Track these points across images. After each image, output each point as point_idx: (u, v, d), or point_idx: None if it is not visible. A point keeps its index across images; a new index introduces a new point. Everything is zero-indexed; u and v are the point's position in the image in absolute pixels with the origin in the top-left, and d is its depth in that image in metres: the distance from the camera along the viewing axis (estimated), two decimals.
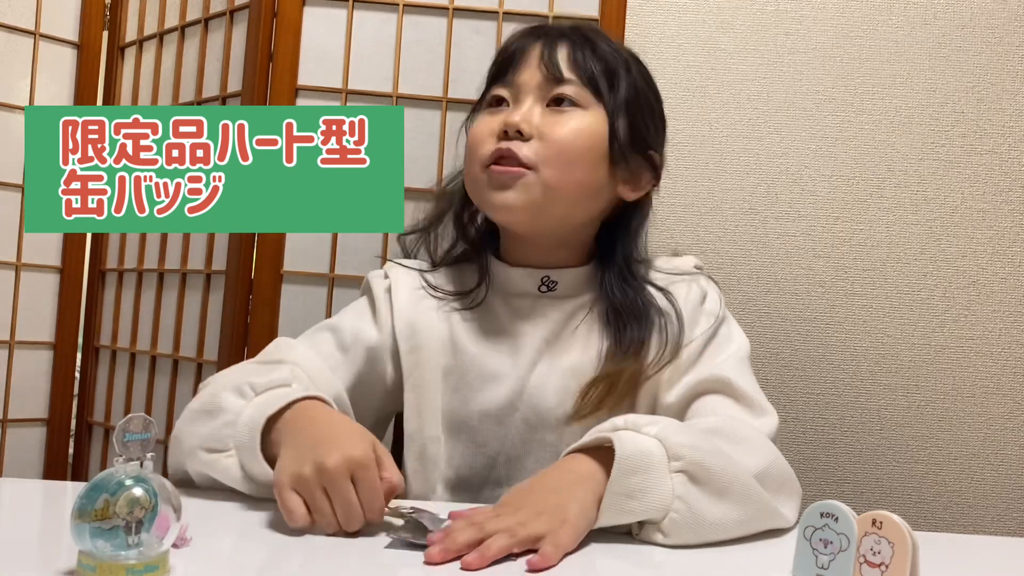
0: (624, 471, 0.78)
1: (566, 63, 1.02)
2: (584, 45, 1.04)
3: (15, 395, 1.51)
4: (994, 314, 1.42)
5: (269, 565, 0.73)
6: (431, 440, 1.03)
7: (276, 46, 1.35)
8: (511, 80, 1.04)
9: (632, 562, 0.77)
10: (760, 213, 1.44)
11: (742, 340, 1.04)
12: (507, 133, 1.00)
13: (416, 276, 1.09)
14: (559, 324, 1.03)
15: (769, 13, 1.44)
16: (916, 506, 1.42)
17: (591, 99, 1.02)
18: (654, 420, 0.85)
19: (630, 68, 1.05)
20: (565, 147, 1.00)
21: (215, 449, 0.87)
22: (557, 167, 1.00)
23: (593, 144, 1.02)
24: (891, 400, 1.43)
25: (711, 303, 1.05)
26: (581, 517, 0.77)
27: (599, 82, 1.02)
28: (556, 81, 1.02)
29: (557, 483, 0.81)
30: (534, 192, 1.00)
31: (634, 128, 1.04)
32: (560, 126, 1.00)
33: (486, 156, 1.01)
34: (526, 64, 1.03)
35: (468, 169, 1.05)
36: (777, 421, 0.96)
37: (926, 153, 1.43)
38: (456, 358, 1.04)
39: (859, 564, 0.66)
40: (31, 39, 1.51)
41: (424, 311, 1.06)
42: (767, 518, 0.85)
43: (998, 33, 1.43)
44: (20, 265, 1.51)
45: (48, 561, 0.69)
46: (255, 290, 1.35)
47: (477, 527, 0.74)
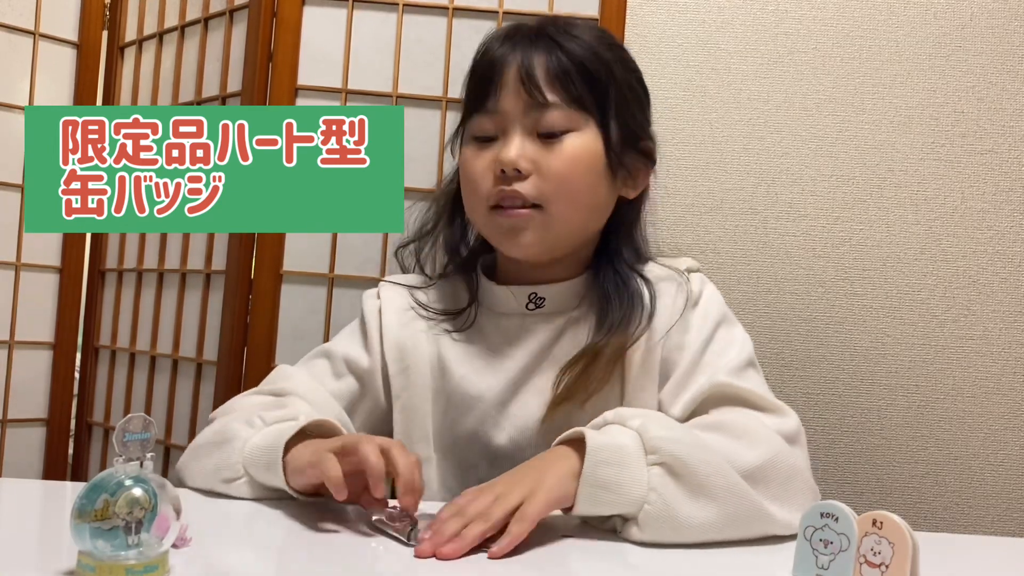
0: (596, 463, 0.80)
1: (546, 81, 0.98)
2: (558, 51, 0.99)
3: (15, 395, 1.51)
4: (994, 314, 1.42)
5: (269, 565, 0.73)
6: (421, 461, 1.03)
7: (276, 46, 1.35)
8: (493, 108, 1.00)
9: (631, 563, 0.77)
10: (760, 213, 1.44)
11: (744, 342, 1.01)
12: (504, 171, 0.98)
13: (406, 295, 1.09)
14: (546, 343, 1.02)
15: (769, 13, 1.44)
16: (916, 506, 1.42)
17: (579, 117, 0.99)
18: (640, 414, 0.86)
19: (611, 66, 1.01)
20: (565, 179, 0.98)
21: (230, 478, 0.89)
22: (562, 200, 0.99)
23: (592, 165, 1.00)
24: (891, 400, 1.43)
25: (705, 304, 1.03)
26: (556, 486, 0.79)
27: (585, 99, 0.99)
28: (541, 106, 0.98)
29: (538, 462, 0.84)
30: (546, 230, 0.99)
31: (626, 128, 1.02)
32: (556, 157, 0.98)
33: (489, 197, 1.00)
34: (505, 88, 0.99)
35: (472, 206, 1.04)
36: (795, 421, 0.93)
37: (926, 153, 1.43)
38: (444, 380, 1.04)
39: (859, 564, 0.66)
40: (31, 39, 1.51)
41: (413, 332, 1.06)
42: (754, 521, 0.83)
43: (998, 33, 1.43)
44: (20, 265, 1.51)
45: (48, 561, 0.69)
46: (255, 290, 1.35)
47: (460, 515, 0.76)
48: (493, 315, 1.06)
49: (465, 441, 1.02)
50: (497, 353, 1.03)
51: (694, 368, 0.98)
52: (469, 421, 1.02)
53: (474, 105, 1.03)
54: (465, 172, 1.04)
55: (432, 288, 1.10)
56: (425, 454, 1.03)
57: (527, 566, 0.74)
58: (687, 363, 0.98)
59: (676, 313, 1.00)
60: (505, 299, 1.05)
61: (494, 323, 1.05)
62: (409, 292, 1.09)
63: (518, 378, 1.01)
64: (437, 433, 1.03)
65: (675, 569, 0.77)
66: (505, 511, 0.76)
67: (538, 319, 1.04)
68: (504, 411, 1.01)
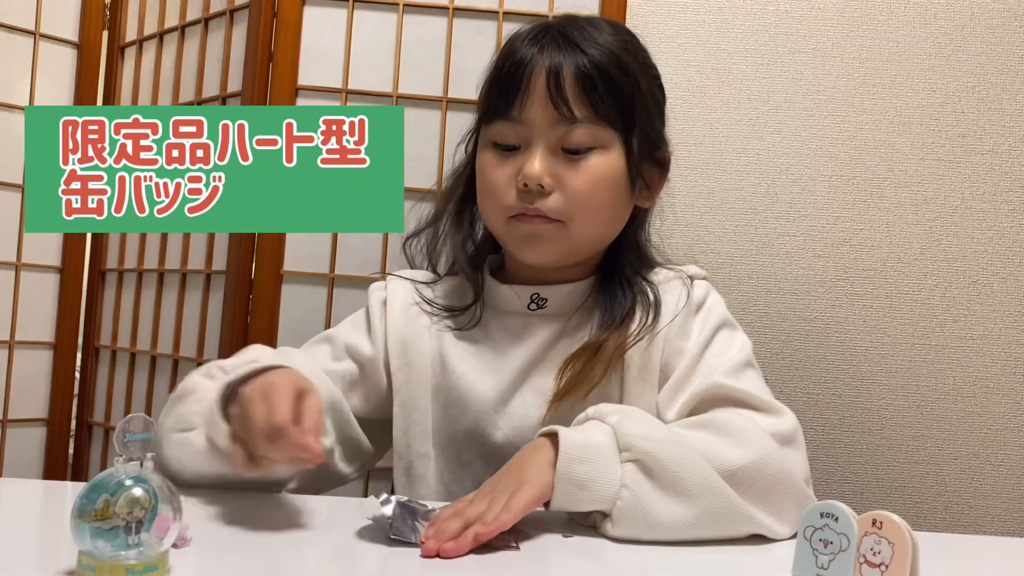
0: (569, 460, 0.81)
1: (574, 95, 0.96)
2: (587, 62, 0.97)
3: (15, 395, 1.51)
4: (994, 314, 1.42)
5: (269, 565, 0.73)
6: (419, 457, 1.03)
7: (276, 46, 1.35)
8: (519, 116, 0.98)
9: (630, 563, 0.77)
10: (760, 213, 1.44)
11: (743, 344, 1.01)
12: (527, 185, 0.97)
13: (411, 290, 1.09)
14: (546, 343, 1.02)
15: (769, 13, 1.44)
16: (916, 506, 1.42)
17: (605, 135, 0.98)
18: (619, 411, 0.86)
19: (636, 78, 1.00)
20: (588, 197, 0.98)
21: (185, 428, 0.89)
22: (584, 217, 0.99)
23: (614, 182, 1.00)
24: (891, 400, 1.43)
25: (707, 311, 1.02)
26: (537, 479, 0.81)
27: (611, 116, 0.98)
28: (568, 122, 0.97)
29: (519, 457, 0.85)
30: (566, 242, 1.00)
31: (647, 140, 1.02)
32: (579, 176, 0.97)
33: (510, 208, 0.99)
34: (531, 98, 0.98)
35: (490, 213, 1.03)
36: (792, 421, 0.92)
37: (926, 153, 1.43)
38: (444, 377, 1.03)
39: (859, 564, 0.66)
40: (31, 39, 1.51)
41: (416, 328, 1.05)
42: (733, 520, 0.82)
43: (998, 33, 1.43)
44: (20, 265, 1.51)
45: (48, 561, 0.69)
46: (255, 290, 1.35)
47: (460, 516, 0.77)
48: (496, 314, 1.06)
49: (463, 438, 1.02)
50: (498, 352, 1.03)
51: (691, 371, 0.98)
52: (467, 418, 1.02)
53: (496, 110, 1.00)
54: (484, 179, 1.02)
55: (438, 284, 1.10)
56: (423, 449, 1.03)
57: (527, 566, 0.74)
58: (684, 366, 0.98)
59: (677, 314, 1.00)
60: (508, 298, 1.05)
61: (497, 322, 1.05)
62: (415, 287, 1.09)
63: (517, 377, 1.01)
64: (435, 429, 1.03)
65: (676, 569, 0.77)
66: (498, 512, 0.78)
67: (540, 319, 1.04)
68: (502, 409, 1.01)
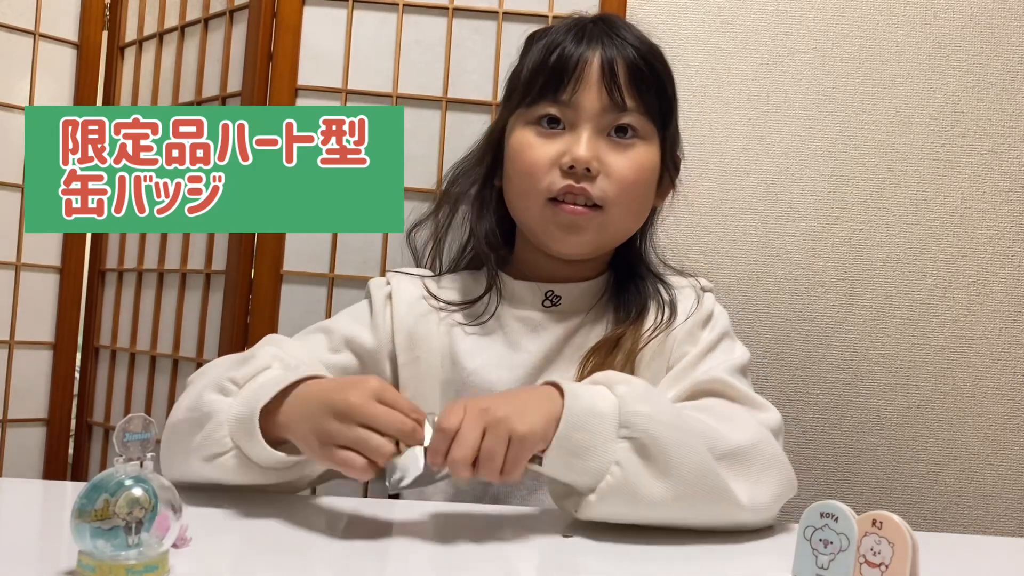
0: (571, 426, 0.79)
1: (627, 87, 0.99)
2: (641, 63, 1.00)
3: (15, 395, 1.51)
4: (994, 314, 1.42)
5: (269, 565, 0.72)
6: None
7: (276, 46, 1.35)
8: (569, 100, 0.99)
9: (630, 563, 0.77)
10: (760, 213, 1.44)
11: (742, 353, 1.03)
12: (574, 168, 0.97)
13: (419, 284, 1.08)
14: (559, 340, 1.02)
15: (769, 13, 1.44)
16: (916, 506, 1.42)
17: (649, 128, 1.01)
18: (627, 380, 0.84)
19: (672, 78, 1.04)
20: (629, 185, 0.99)
21: (219, 453, 0.86)
22: (622, 205, 1.00)
23: (651, 177, 1.02)
24: (891, 400, 1.43)
25: (713, 322, 1.04)
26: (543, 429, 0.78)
27: (654, 110, 1.01)
28: (619, 109, 0.99)
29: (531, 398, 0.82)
30: (602, 231, 1.01)
31: (675, 138, 1.05)
32: (625, 161, 0.99)
33: (552, 190, 0.99)
34: (585, 82, 0.99)
35: (525, 195, 1.02)
36: (779, 417, 0.94)
37: (926, 153, 1.43)
38: (455, 372, 1.03)
39: (859, 564, 0.66)
40: (31, 39, 1.51)
41: (425, 322, 1.05)
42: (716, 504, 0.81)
43: (998, 33, 1.42)
44: (20, 265, 1.51)
45: (48, 561, 0.69)
46: (255, 290, 1.35)
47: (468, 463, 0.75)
48: (509, 309, 1.06)
49: None
50: (512, 347, 1.03)
51: (691, 367, 0.99)
52: None
53: (544, 92, 1.01)
54: (522, 159, 1.01)
55: (445, 279, 1.10)
56: None
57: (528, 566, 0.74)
58: (686, 362, 0.99)
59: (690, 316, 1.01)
60: (522, 294, 1.05)
61: (509, 317, 1.05)
62: (422, 281, 1.09)
63: (532, 372, 1.01)
64: None
65: (676, 568, 0.77)
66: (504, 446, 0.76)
67: (554, 316, 1.04)
68: None
